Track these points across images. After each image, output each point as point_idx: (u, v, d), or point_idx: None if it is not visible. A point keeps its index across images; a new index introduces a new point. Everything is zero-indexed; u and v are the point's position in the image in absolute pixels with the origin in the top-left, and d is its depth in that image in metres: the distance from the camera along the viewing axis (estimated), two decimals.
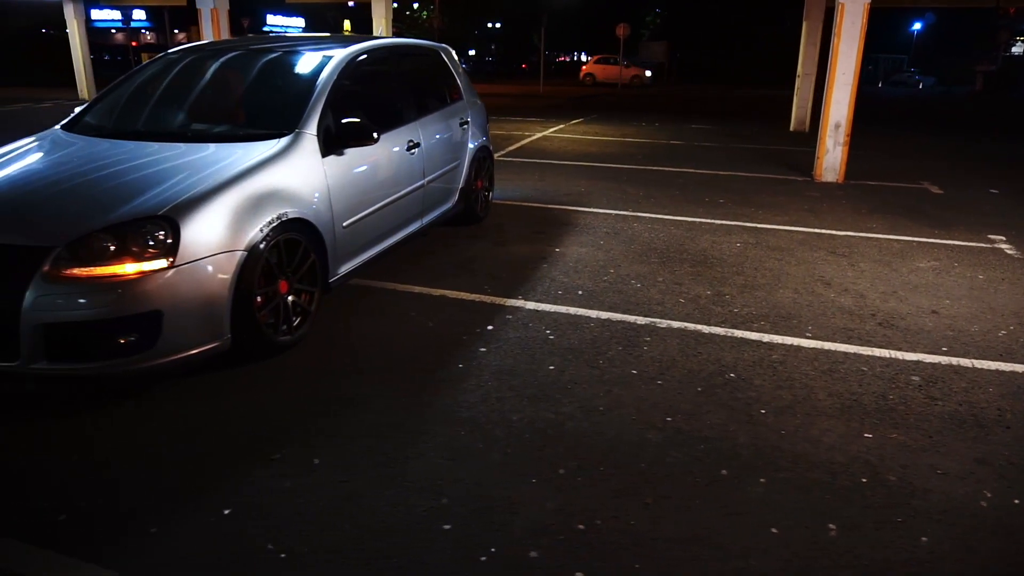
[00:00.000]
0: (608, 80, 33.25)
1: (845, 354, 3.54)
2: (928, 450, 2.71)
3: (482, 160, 5.76)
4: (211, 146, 3.49)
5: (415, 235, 4.67)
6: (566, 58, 61.28)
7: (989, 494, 2.43)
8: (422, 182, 4.65)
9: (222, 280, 2.96)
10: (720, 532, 2.23)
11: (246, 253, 3.04)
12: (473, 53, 55.05)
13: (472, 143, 5.55)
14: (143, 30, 48.71)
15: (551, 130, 12.83)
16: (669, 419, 2.88)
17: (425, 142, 4.66)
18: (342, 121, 3.73)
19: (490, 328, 3.76)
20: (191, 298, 2.87)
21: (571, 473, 2.51)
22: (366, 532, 2.19)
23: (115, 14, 36.64)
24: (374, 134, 3.77)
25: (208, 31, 10.71)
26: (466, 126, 5.47)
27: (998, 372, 3.38)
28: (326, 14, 51.21)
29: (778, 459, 2.62)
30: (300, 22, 54.33)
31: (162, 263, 2.79)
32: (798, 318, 3.99)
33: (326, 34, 12.72)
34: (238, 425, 2.79)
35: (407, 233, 4.55)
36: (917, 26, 48.39)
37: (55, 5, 17.12)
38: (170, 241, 2.81)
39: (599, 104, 20.01)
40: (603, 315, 3.96)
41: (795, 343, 3.66)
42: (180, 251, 2.82)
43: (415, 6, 47.40)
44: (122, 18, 36.19)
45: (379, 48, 4.55)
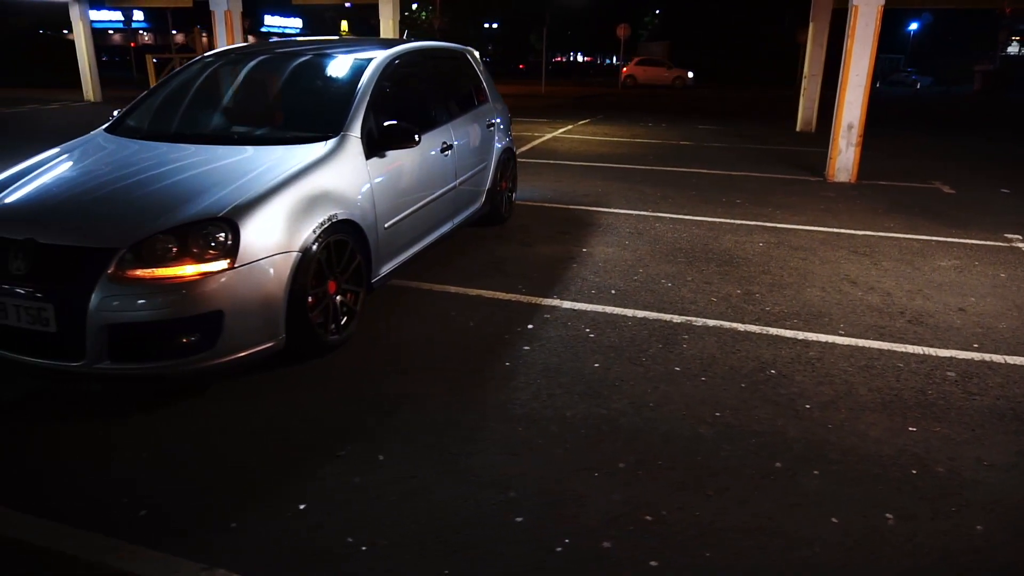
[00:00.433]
0: (649, 82, 32.16)
1: (880, 351, 3.62)
2: (972, 443, 2.78)
3: (506, 161, 5.83)
4: (259, 148, 3.55)
5: (447, 236, 4.74)
6: (562, 59, 61.39)
7: None
8: (454, 183, 4.72)
9: (278, 281, 3.02)
10: (782, 522, 2.30)
11: (300, 254, 3.10)
12: None
13: (498, 144, 5.62)
14: (141, 31, 48.70)
15: (560, 131, 12.91)
16: (718, 414, 2.96)
17: (457, 144, 4.73)
18: (384, 124, 3.80)
19: (530, 327, 3.82)
20: (250, 298, 2.93)
21: (631, 467, 2.58)
22: (442, 525, 2.25)
23: (115, 15, 36.60)
24: (416, 136, 3.84)
25: (222, 33, 10.75)
26: (492, 128, 5.54)
27: None
28: (324, 15, 51.28)
29: (828, 452, 2.70)
30: (298, 23, 54.34)
31: (222, 264, 2.85)
32: (829, 316, 4.07)
33: (353, 37, 12.80)
34: (296, 423, 2.85)
35: (440, 234, 4.62)
36: (914, 26, 48.64)
37: (55, 5, 17.12)
38: (230, 242, 2.87)
39: (603, 104, 20.09)
40: (639, 314, 4.04)
41: (830, 340, 3.73)
42: (240, 252, 2.88)
43: (414, 7, 47.44)
44: (123, 19, 36.15)
45: (413, 51, 4.61)
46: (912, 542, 2.22)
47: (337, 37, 5.56)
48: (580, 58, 64.35)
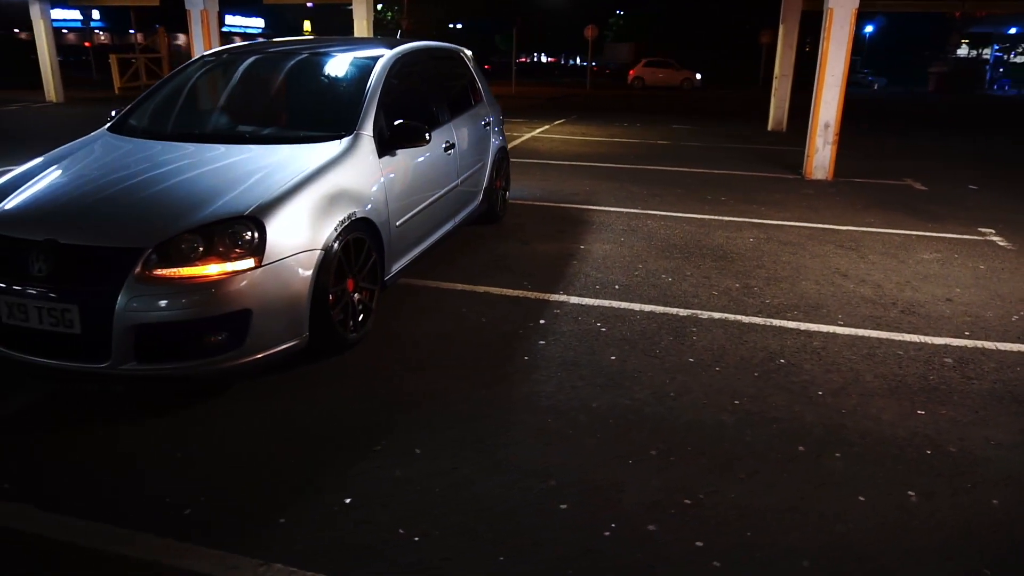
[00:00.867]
0: (657, 84, 32.04)
1: (879, 340, 3.77)
2: (977, 424, 2.93)
3: (501, 161, 5.89)
4: (273, 147, 3.55)
5: (449, 235, 4.78)
6: (526, 59, 61.56)
7: None
8: (456, 182, 4.76)
9: (303, 279, 3.03)
10: (814, 501, 2.40)
11: (323, 252, 3.12)
12: None
13: (494, 143, 5.67)
14: (97, 31, 47.42)
15: (538, 131, 13.00)
16: (737, 402, 3.06)
17: (459, 143, 4.77)
18: (395, 122, 3.82)
19: (542, 322, 3.89)
20: (277, 297, 2.93)
21: (662, 454, 2.66)
22: (490, 513, 2.30)
23: (73, 14, 35.58)
24: (427, 135, 3.87)
25: (198, 32, 10.56)
26: (488, 127, 5.59)
27: (1020, 353, 3.64)
28: (286, 14, 50.66)
29: (846, 435, 2.82)
30: (260, 22, 53.52)
31: (249, 263, 2.84)
32: (826, 307, 4.22)
33: (348, 37, 12.70)
34: (321, 421, 2.86)
35: (443, 232, 4.65)
36: (869, 28, 50.01)
37: (7, 4, 16.56)
38: (257, 241, 2.87)
39: (575, 105, 20.25)
40: (645, 308, 4.13)
41: (831, 330, 3.88)
42: (267, 251, 2.88)
43: (379, 7, 47.15)
44: (82, 18, 35.16)
45: (416, 50, 4.63)
46: (935, 517, 2.34)
47: (347, 37, 5.53)
48: (544, 59, 64.63)
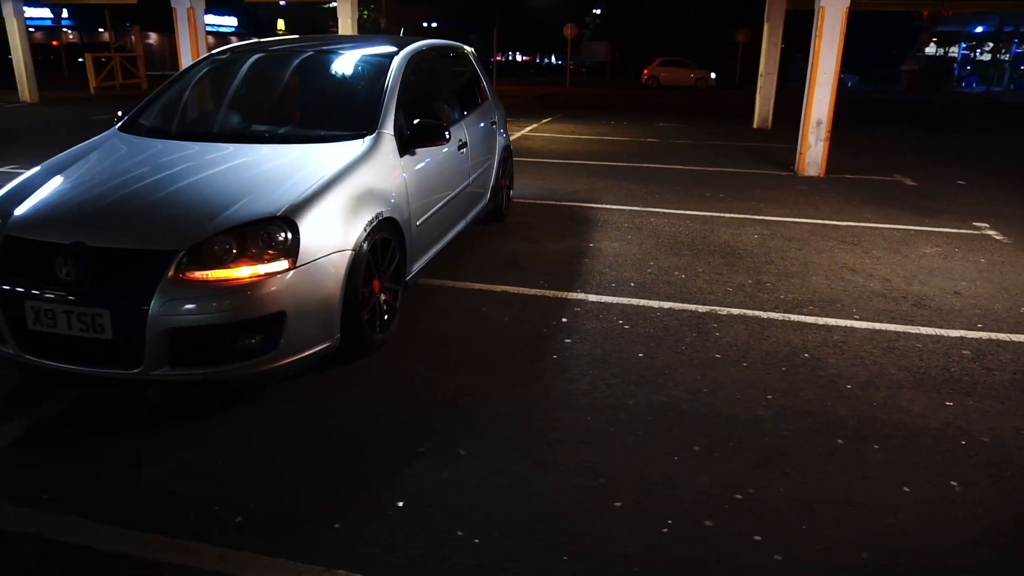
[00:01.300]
0: (672, 83, 31.32)
1: (896, 333, 3.84)
2: (1005, 414, 3.00)
3: (506, 159, 5.88)
4: (295, 147, 3.50)
5: (461, 234, 4.75)
6: (501, 57, 61.50)
7: None
8: (468, 181, 4.75)
9: (335, 279, 3.00)
10: (862, 493, 2.43)
11: (354, 253, 3.08)
12: None
13: (500, 141, 5.66)
14: (66, 29, 46.39)
15: (527, 129, 13.00)
16: (770, 397, 3.09)
17: (470, 141, 4.75)
18: (415, 121, 3.80)
19: (564, 320, 3.89)
20: (311, 298, 2.89)
21: (705, 449, 2.68)
22: (547, 513, 2.29)
23: (43, 12, 34.70)
24: (446, 133, 3.85)
25: (184, 31, 10.36)
26: (495, 125, 5.57)
27: None
28: (259, 13, 50.06)
29: (881, 428, 2.86)
30: (233, 21, 52.79)
31: (283, 264, 2.80)
32: (840, 302, 4.28)
33: (354, 35, 12.56)
34: (361, 423, 2.84)
35: (456, 231, 4.63)
36: None
37: None
38: (290, 242, 2.83)
39: (559, 103, 20.27)
40: (664, 305, 4.15)
41: (848, 325, 3.93)
42: (300, 252, 2.84)
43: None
44: (52, 16, 34.31)
45: (428, 48, 4.60)
46: (982, 506, 2.39)
47: (356, 35, 5.46)
48: (519, 57, 64.64)
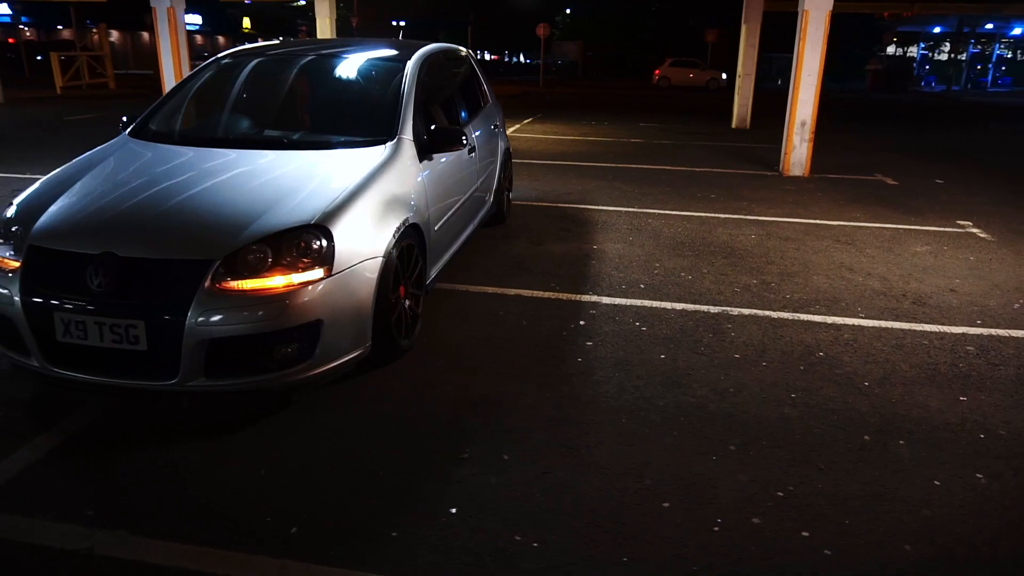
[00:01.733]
0: (682, 84, 30.84)
1: (902, 330, 3.96)
2: (1016, 408, 3.13)
3: (506, 162, 5.91)
4: (316, 153, 3.48)
5: (470, 237, 4.77)
6: None
7: None
8: (476, 184, 4.77)
9: (368, 287, 3.00)
10: (895, 487, 2.53)
11: (384, 259, 3.09)
12: None
13: (501, 144, 5.69)
14: (22, 26, 45.07)
15: (510, 130, 13.00)
16: (794, 395, 3.18)
17: (477, 145, 4.77)
18: (432, 127, 3.81)
19: (582, 323, 3.93)
20: (345, 306, 2.90)
21: (740, 448, 2.75)
22: (598, 515, 2.34)
23: (2, 8, 33.61)
24: (463, 138, 3.86)
25: (164, 30, 10.15)
26: (496, 128, 5.60)
27: None
28: (224, 12, 49.29)
29: (903, 423, 2.96)
30: (197, 19, 51.87)
31: (319, 272, 2.80)
32: (844, 301, 4.40)
33: (356, 39, 12.47)
34: (398, 430, 2.85)
35: (466, 235, 4.65)
36: None
37: None
38: (325, 249, 2.83)
39: (537, 103, 20.33)
40: (676, 306, 4.23)
41: (856, 323, 4.05)
42: (335, 259, 2.84)
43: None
44: (11, 13, 33.25)
45: (436, 52, 4.60)
46: (1009, 496, 2.50)
47: (359, 39, 5.43)
48: (487, 56, 64.65)
